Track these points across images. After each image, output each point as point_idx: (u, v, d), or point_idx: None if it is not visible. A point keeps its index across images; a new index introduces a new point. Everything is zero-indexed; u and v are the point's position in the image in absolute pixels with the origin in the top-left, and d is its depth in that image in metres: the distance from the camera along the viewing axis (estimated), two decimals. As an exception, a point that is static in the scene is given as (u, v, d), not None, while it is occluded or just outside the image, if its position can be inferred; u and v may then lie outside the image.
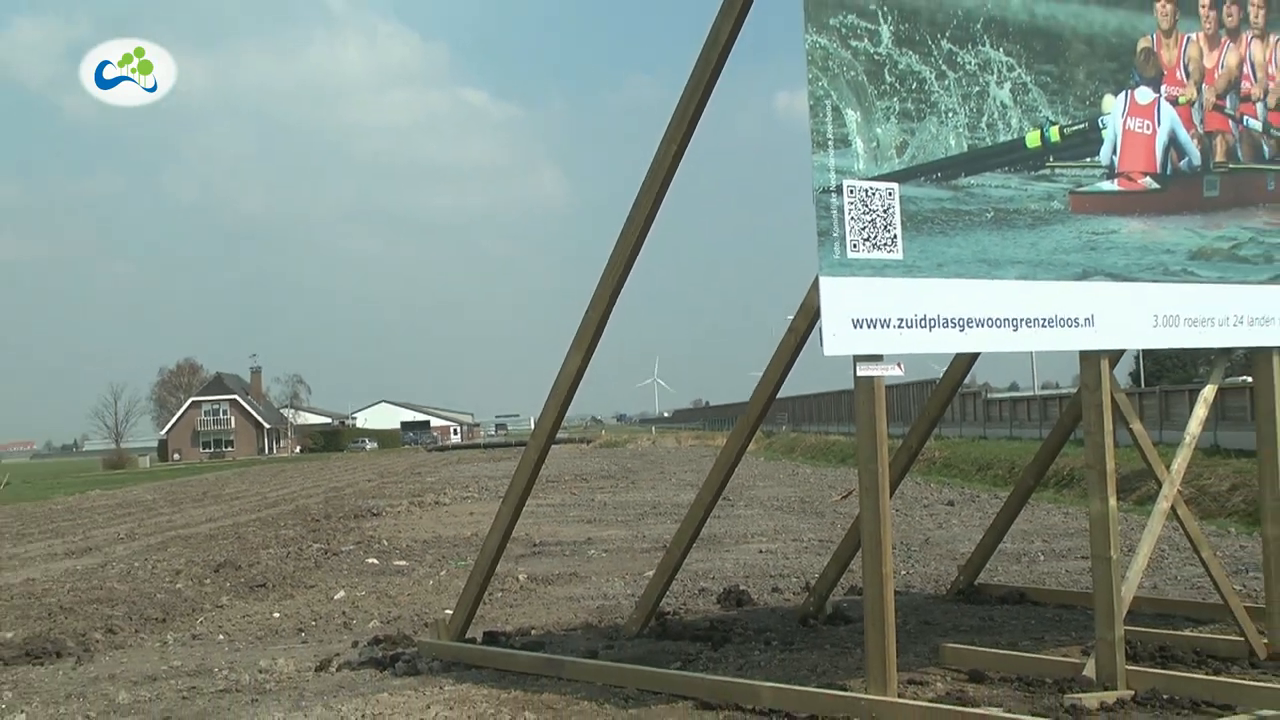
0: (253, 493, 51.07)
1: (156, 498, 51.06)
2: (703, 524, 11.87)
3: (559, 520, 27.99)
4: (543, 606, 15.01)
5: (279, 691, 10.77)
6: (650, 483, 42.57)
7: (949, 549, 18.98)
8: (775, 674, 9.85)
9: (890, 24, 8.36)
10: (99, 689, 11.52)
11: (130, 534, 30.81)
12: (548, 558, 20.44)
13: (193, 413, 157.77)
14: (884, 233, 8.07)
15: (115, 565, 22.45)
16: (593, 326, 10.57)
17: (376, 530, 27.80)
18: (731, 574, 16.94)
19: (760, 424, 12.07)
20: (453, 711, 9.22)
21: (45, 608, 16.96)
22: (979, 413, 55.97)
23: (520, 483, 11.25)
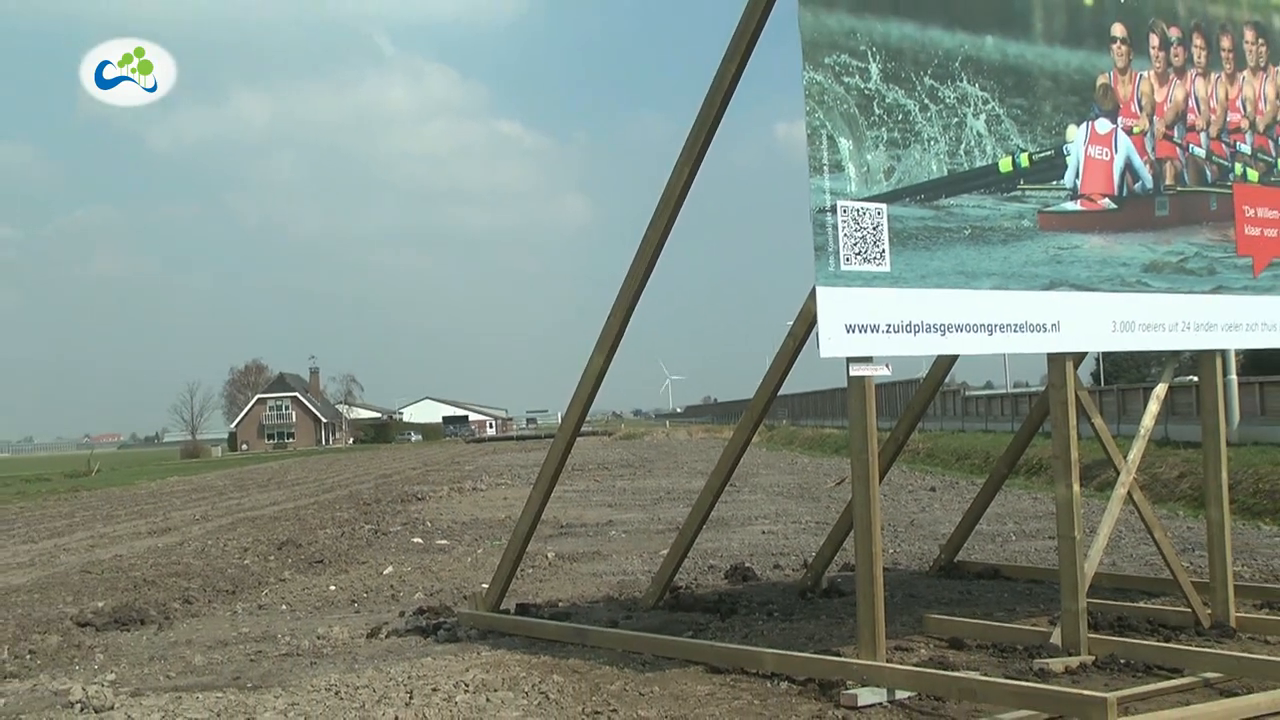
0: (311, 479, 51.13)
1: (227, 484, 51.15)
2: (712, 508, 11.85)
3: (584, 504, 27.96)
4: (569, 581, 14.99)
5: (335, 655, 10.77)
6: (665, 471, 42.53)
7: (931, 530, 18.92)
8: (777, 641, 9.83)
9: (879, 62, 8.34)
10: (177, 652, 11.54)
11: (204, 516, 30.85)
12: (573, 538, 20.42)
13: (259, 408, 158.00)
14: (874, 248, 8.04)
15: (191, 543, 22.47)
16: (613, 331, 10.56)
17: (421, 513, 27.79)
18: (737, 552, 16.91)
19: (763, 419, 12.04)
20: (489, 674, 9.20)
21: (131, 580, 16.99)
22: (958, 408, 55.84)
23: (549, 471, 11.23)
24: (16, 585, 17.46)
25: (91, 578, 17.80)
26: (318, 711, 8.29)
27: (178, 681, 10.00)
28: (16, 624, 13.42)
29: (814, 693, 8.21)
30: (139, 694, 9.28)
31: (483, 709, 8.20)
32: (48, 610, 14.57)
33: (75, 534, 27.28)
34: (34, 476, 73.50)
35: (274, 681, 9.52)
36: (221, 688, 9.36)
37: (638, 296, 10.38)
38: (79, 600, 15.35)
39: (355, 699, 8.62)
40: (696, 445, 71.81)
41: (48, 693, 9.74)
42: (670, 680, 8.80)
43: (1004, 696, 7.57)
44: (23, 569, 19.93)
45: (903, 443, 13.25)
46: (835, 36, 8.21)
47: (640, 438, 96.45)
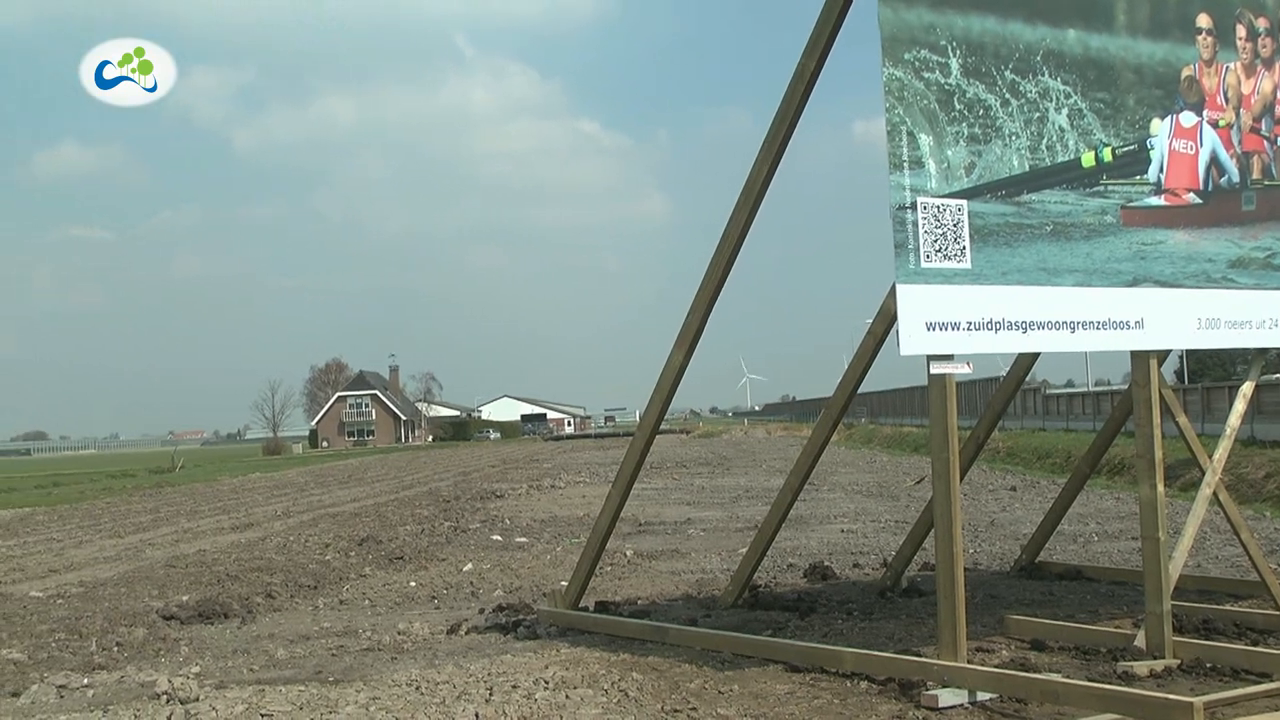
0: (391, 476, 51.55)
1: (308, 480, 51.70)
2: (791, 506, 11.81)
3: (662, 502, 27.99)
4: (647, 579, 15.01)
5: (415, 651, 10.85)
6: (743, 469, 42.46)
7: (1012, 530, 18.75)
8: (856, 641, 9.78)
9: (959, 57, 8.28)
10: (260, 646, 11.69)
11: (286, 512, 31.21)
12: (652, 536, 20.44)
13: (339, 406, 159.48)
14: (954, 245, 7.99)
15: (273, 539, 22.76)
16: (693, 328, 10.55)
17: (500, 510, 27.94)
18: (816, 551, 16.86)
19: (842, 417, 11.99)
20: (568, 672, 9.23)
21: (215, 575, 17.24)
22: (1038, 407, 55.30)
23: (628, 469, 11.25)
24: (104, 579, 17.79)
25: (176, 572, 18.08)
26: (399, 706, 8.35)
27: (260, 675, 10.13)
28: (104, 617, 13.68)
29: (894, 693, 8.16)
30: (223, 686, 9.41)
31: (562, 706, 8.22)
32: (134, 603, 14.81)
33: (160, 529, 27.71)
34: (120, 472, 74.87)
35: (355, 676, 9.62)
36: (303, 681, 9.47)
37: (717, 293, 10.37)
38: (164, 594, 15.60)
39: (435, 694, 8.68)
40: (775, 443, 71.63)
41: (134, 684, 9.91)
42: (749, 679, 8.79)
43: (1087, 700, 7.47)
44: (110, 563, 20.29)
45: (983, 442, 13.13)
46: (915, 32, 8.17)
47: (718, 436, 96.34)
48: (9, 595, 16.40)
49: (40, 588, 17.14)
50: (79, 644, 12.20)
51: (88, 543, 25.02)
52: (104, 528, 29.01)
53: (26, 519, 34.13)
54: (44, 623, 13.66)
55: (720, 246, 10.20)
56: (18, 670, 11.00)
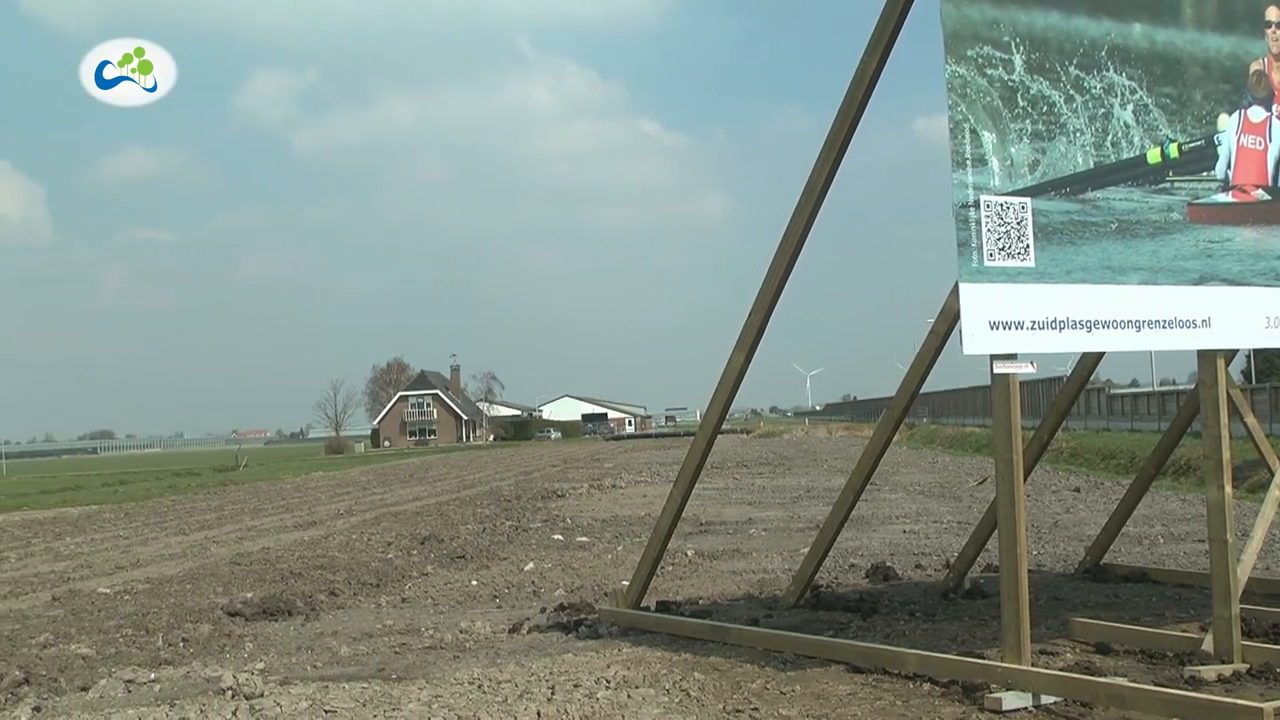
0: (453, 476, 51.81)
1: (370, 479, 52.06)
2: (853, 506, 11.77)
3: (723, 502, 27.97)
4: (709, 579, 15.00)
5: (477, 650, 10.90)
6: (804, 469, 42.36)
7: (1076, 531, 18.59)
8: (919, 642, 9.73)
9: (1022, 53, 8.22)
10: (324, 643, 11.80)
11: (348, 510, 31.46)
12: (713, 535, 20.43)
13: (400, 405, 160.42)
14: (1017, 243, 7.93)
15: (336, 537, 22.95)
16: (754, 329, 10.53)
17: (561, 510, 28.03)
18: (878, 551, 16.78)
19: (905, 417, 11.94)
20: (630, 671, 9.24)
21: (278, 573, 17.42)
22: (1103, 407, 54.83)
23: (689, 468, 11.25)
24: (169, 575, 18.00)
25: (241, 569, 18.28)
26: (461, 704, 8.39)
27: (324, 671, 10.22)
28: (170, 613, 13.85)
29: (957, 695, 8.11)
30: (287, 682, 9.49)
31: (624, 705, 8.24)
32: (199, 600, 14.99)
33: (224, 527, 28.01)
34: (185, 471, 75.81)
35: (418, 674, 9.68)
36: (367, 678, 9.54)
37: (779, 293, 10.34)
38: (229, 591, 15.77)
39: (498, 693, 8.72)
40: (836, 443, 71.41)
41: (200, 679, 10.02)
42: (811, 679, 8.77)
43: (1154, 704, 7.39)
44: (175, 560, 20.54)
45: (1047, 442, 13.02)
46: (978, 28, 8.12)
47: (779, 435, 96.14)
48: (78, 591, 16.64)
49: (108, 584, 17.38)
50: (146, 640, 12.37)
51: (154, 540, 25.33)
52: (170, 525, 29.36)
53: (94, 517, 34.63)
54: (111, 619, 13.86)
55: (781, 247, 10.18)
56: (86, 665, 11.17)
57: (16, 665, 11.09)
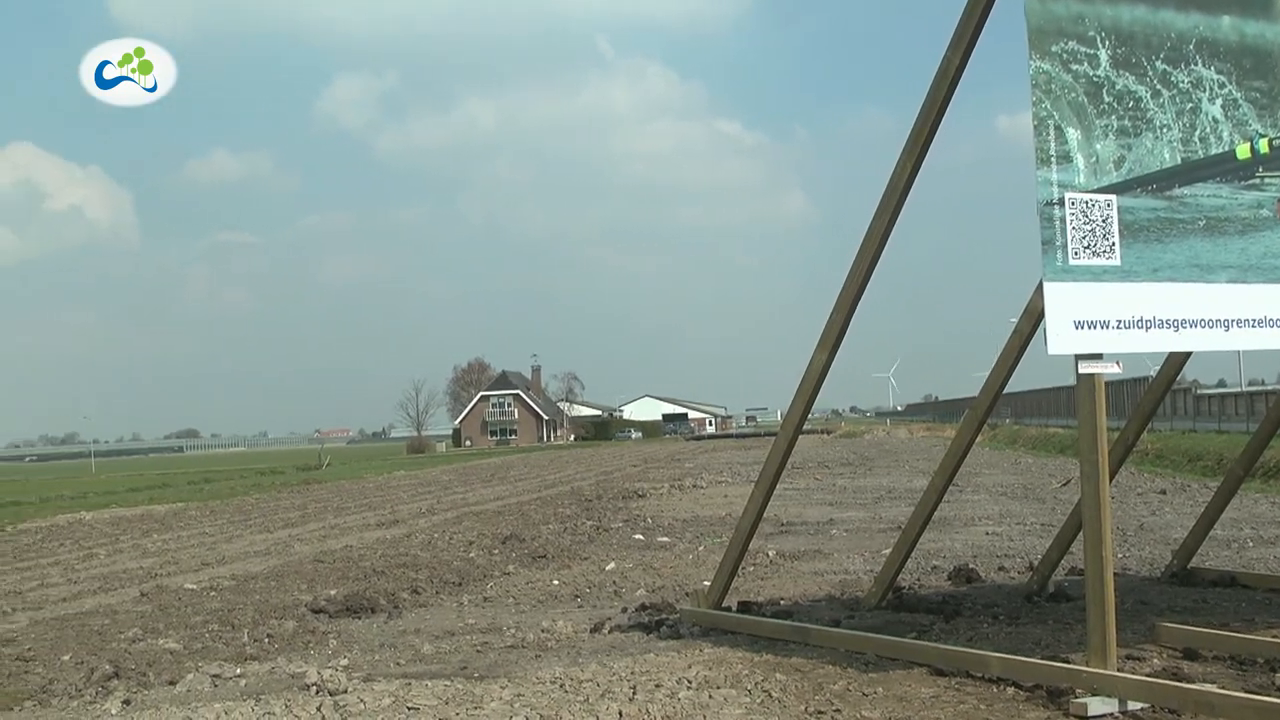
0: (534, 475, 52.02)
1: (451, 478, 52.41)
2: (935, 507, 11.68)
3: (804, 502, 27.87)
4: (790, 579, 14.96)
5: (559, 649, 10.94)
6: (885, 470, 42.10)
7: (1162, 534, 18.31)
8: (1002, 645, 9.64)
9: (1108, 48, 8.13)
10: (406, 641, 11.91)
11: (430, 509, 31.69)
12: (794, 536, 20.36)
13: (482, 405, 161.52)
14: (1103, 241, 7.85)
15: (418, 536, 23.11)
16: (836, 327, 10.49)
17: (642, 510, 28.05)
18: (961, 553, 16.64)
19: (988, 417, 11.84)
20: (712, 671, 9.24)
21: (361, 570, 17.58)
22: (1189, 408, 54.02)
23: (771, 468, 11.22)
24: (254, 573, 18.24)
25: (324, 567, 18.48)
26: (543, 703, 8.44)
27: (407, 669, 10.32)
28: (255, 609, 14.05)
29: (1042, 700, 8.04)
30: (370, 679, 9.59)
31: (705, 705, 8.24)
32: (283, 597, 15.18)
33: (308, 525, 28.33)
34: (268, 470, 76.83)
35: (500, 672, 9.74)
36: (449, 676, 9.61)
37: (861, 292, 10.29)
38: (312, 588, 15.95)
39: (579, 692, 8.75)
40: (917, 444, 70.89)
41: (285, 675, 10.16)
42: (894, 681, 8.72)
43: (1245, 712, 7.25)
44: (260, 557, 20.80)
45: (1132, 443, 12.85)
46: (1063, 23, 8.04)
47: (860, 436, 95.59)
48: (165, 587, 16.91)
49: (194, 580, 17.65)
50: (231, 635, 12.55)
51: (238, 538, 25.67)
52: (254, 523, 29.74)
53: (180, 514, 35.16)
54: (198, 614, 14.07)
55: (863, 246, 10.13)
56: (174, 659, 11.36)
57: (106, 659, 11.32)
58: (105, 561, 21.86)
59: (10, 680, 10.89)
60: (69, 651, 12.08)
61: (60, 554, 24.03)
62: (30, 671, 11.24)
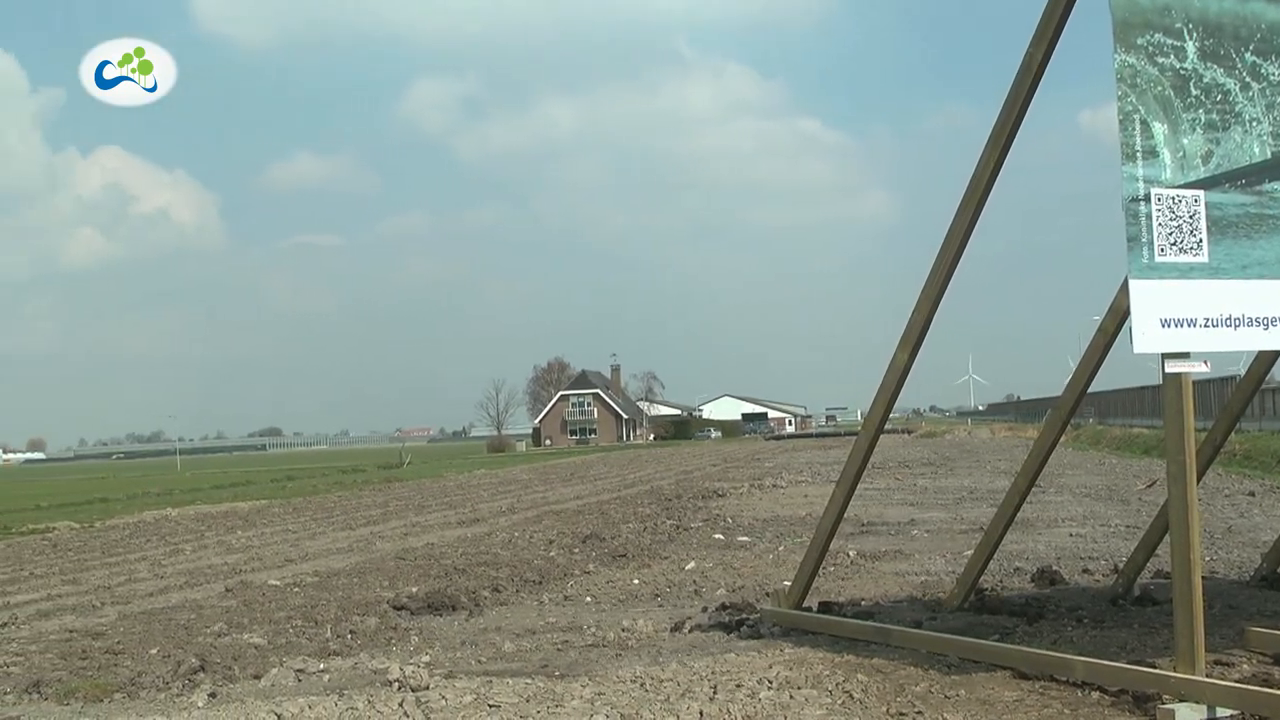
0: (613, 475, 52.12)
1: (531, 477, 52.65)
2: (1018, 509, 11.56)
3: (884, 503, 27.70)
4: (871, 580, 14.87)
5: (639, 648, 10.95)
6: (967, 470, 41.74)
7: (1251, 537, 17.99)
8: (1087, 649, 9.50)
9: (1195, 40, 8.00)
10: (487, 638, 11.98)
11: (510, 508, 31.85)
12: (875, 536, 20.24)
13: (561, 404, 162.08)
14: (1190, 237, 7.73)
15: (499, 534, 23.26)
16: (918, 326, 10.40)
17: (721, 509, 28.01)
18: (1044, 555, 16.45)
19: (1072, 417, 11.70)
20: (792, 672, 9.20)
21: (443, 568, 17.73)
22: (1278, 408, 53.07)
23: (852, 468, 11.16)
24: (337, 569, 18.44)
25: (406, 564, 18.64)
26: (623, 702, 8.44)
27: (488, 666, 10.37)
28: (338, 606, 14.20)
29: (1127, 705, 7.92)
30: (452, 676, 9.65)
31: (786, 706, 8.21)
32: (366, 594, 15.33)
33: (389, 522, 28.60)
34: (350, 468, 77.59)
35: (580, 671, 9.75)
36: (530, 674, 9.65)
37: (943, 290, 10.19)
38: (394, 585, 16.09)
39: (660, 691, 8.75)
40: (999, 444, 70.22)
41: (367, 670, 10.26)
42: (976, 684, 8.64)
43: (1337, 717, 7.13)
44: (342, 554, 21.03)
45: (1220, 444, 12.63)
46: (1149, 15, 7.91)
47: (941, 436, 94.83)
48: (249, 583, 17.14)
49: (278, 576, 17.87)
50: (315, 631, 12.70)
51: (321, 535, 25.97)
52: (336, 521, 30.08)
53: (263, 511, 35.65)
54: (282, 610, 14.25)
55: (945, 244, 10.04)
56: (259, 654, 11.51)
57: (193, 653, 11.49)
58: (191, 557, 22.20)
59: (100, 672, 11.10)
60: (156, 645, 12.29)
61: (147, 550, 24.47)
62: (119, 664, 11.44)
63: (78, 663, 11.69)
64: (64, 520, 35.44)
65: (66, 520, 35.38)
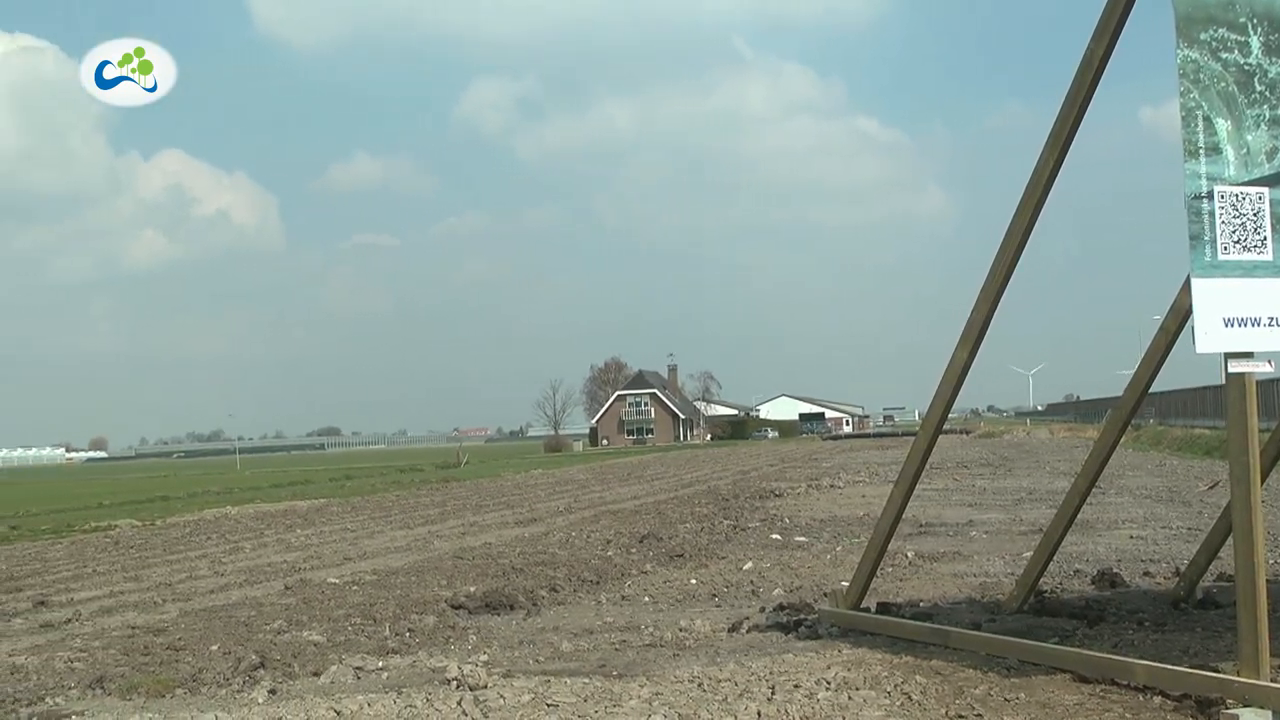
0: (670, 474, 52.13)
1: (588, 477, 52.73)
2: (1078, 510, 11.44)
3: (942, 503, 27.54)
4: (929, 581, 14.79)
5: (697, 648, 10.94)
6: (1025, 471, 41.43)
7: (1317, 538, 17.77)
8: (1148, 653, 9.40)
9: (1260, 35, 7.89)
10: (545, 638, 11.99)
11: (568, 508, 31.92)
12: (933, 537, 20.14)
13: (618, 404, 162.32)
14: (1254, 235, 7.63)
15: (556, 534, 23.31)
16: (978, 324, 10.32)
17: (779, 509, 27.96)
18: (1104, 557, 16.31)
19: (1133, 417, 11.59)
20: (850, 672, 9.17)
21: (500, 568, 17.79)
22: (1345, 408, 52.35)
23: (911, 468, 11.09)
24: (395, 568, 18.55)
25: (463, 563, 18.73)
26: (681, 702, 8.44)
27: (546, 666, 10.39)
28: (396, 604, 14.29)
29: (1190, 710, 7.82)
30: (510, 675, 9.68)
31: (845, 707, 8.18)
32: (424, 592, 15.41)
33: (447, 522, 28.73)
34: (408, 467, 78.09)
35: (638, 670, 9.75)
36: (588, 674, 9.65)
37: (1003, 288, 10.10)
38: (452, 584, 16.17)
39: (718, 691, 8.74)
40: (1058, 444, 69.67)
41: (426, 669, 10.30)
42: (1036, 687, 8.56)
43: (1406, 724, 7.02)
44: (400, 553, 21.14)
45: (1286, 444, 12.48)
46: (1212, 9, 7.81)
47: (999, 436, 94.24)
48: (308, 581, 17.27)
49: (336, 575, 18.00)
50: (373, 629, 12.78)
51: (379, 533, 26.14)
52: (394, 520, 30.26)
53: (322, 510, 35.92)
54: (341, 608, 14.36)
55: (1004, 242, 9.95)
56: (318, 651, 11.61)
57: (253, 650, 11.61)
58: (250, 555, 22.40)
59: (162, 668, 11.23)
60: (217, 641, 12.42)
61: (207, 547, 24.72)
62: (180, 660, 11.57)
63: (140, 659, 11.83)
64: (126, 518, 35.95)
65: (128, 518, 35.88)
